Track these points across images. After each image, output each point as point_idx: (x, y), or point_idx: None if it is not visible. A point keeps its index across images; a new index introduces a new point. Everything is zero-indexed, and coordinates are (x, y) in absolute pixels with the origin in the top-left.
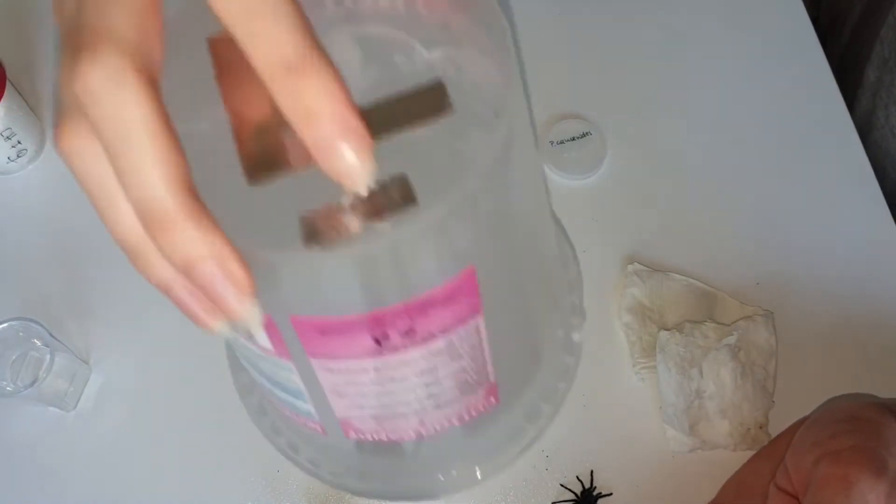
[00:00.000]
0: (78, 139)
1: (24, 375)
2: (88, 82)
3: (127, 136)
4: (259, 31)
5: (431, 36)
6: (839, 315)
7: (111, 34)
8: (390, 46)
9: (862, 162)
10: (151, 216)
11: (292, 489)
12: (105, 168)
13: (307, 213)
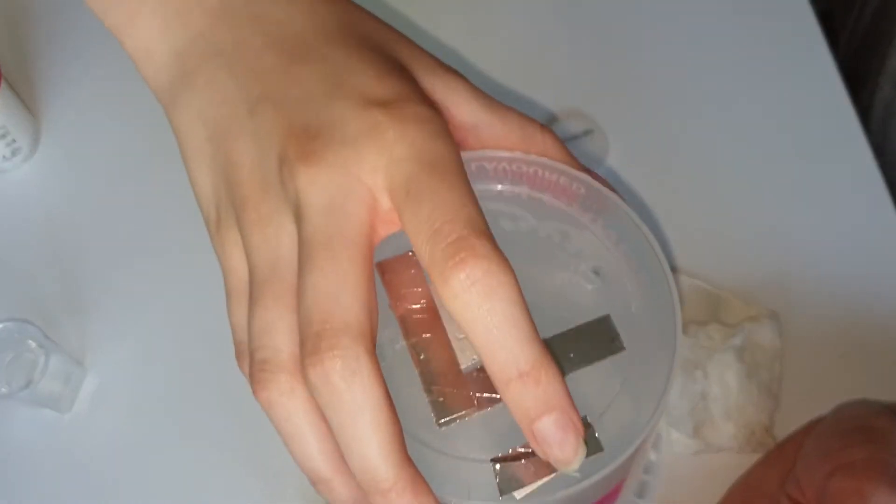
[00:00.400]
0: (280, 395)
1: (19, 377)
2: (329, 374)
3: (357, 417)
4: (496, 342)
5: (546, 213)
6: (846, 317)
7: (348, 326)
8: (499, 216)
9: (868, 161)
10: (374, 482)
11: (289, 492)
12: (303, 420)
13: (500, 460)
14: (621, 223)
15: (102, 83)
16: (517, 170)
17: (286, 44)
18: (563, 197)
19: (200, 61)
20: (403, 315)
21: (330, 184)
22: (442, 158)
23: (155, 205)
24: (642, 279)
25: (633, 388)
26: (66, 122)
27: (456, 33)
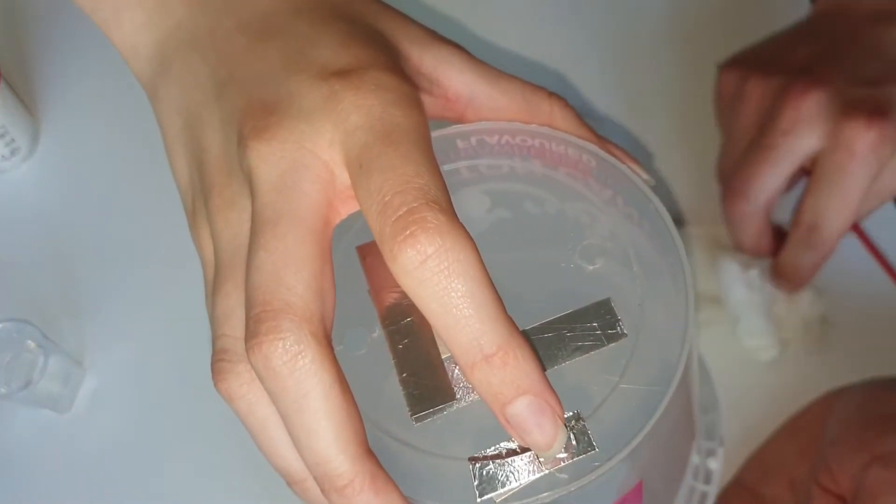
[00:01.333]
0: (239, 386)
1: (18, 377)
2: (269, 358)
3: (302, 405)
4: (456, 323)
5: (568, 194)
6: None
7: (290, 307)
8: (519, 197)
9: None
10: (328, 478)
11: (289, 492)
12: (266, 411)
13: (479, 459)
14: (639, 200)
15: (101, 83)
16: (522, 143)
17: (255, 23)
18: (577, 172)
19: (177, 50)
20: (382, 301)
21: (281, 160)
22: (398, 127)
23: (154, 204)
24: (665, 262)
25: (639, 379)
26: (65, 122)
27: (457, 34)
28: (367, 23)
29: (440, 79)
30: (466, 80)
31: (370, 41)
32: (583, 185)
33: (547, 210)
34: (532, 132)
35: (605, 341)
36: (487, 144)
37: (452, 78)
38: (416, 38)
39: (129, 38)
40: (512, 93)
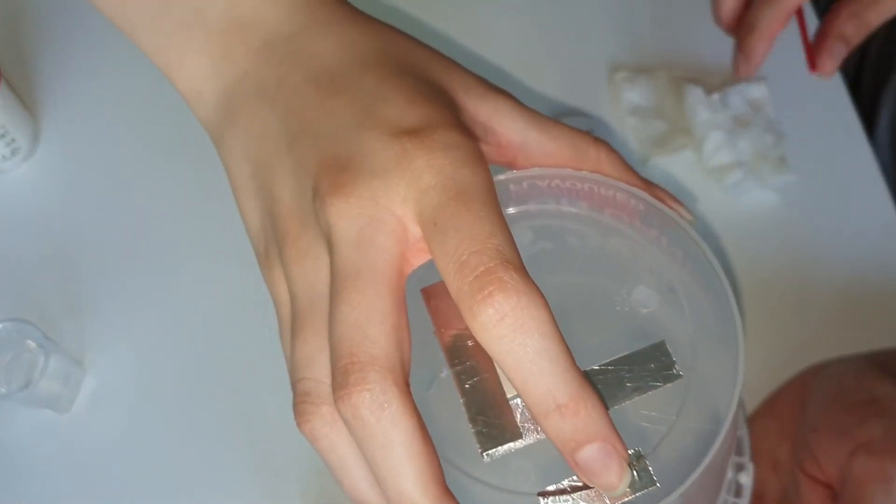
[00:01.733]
0: (322, 426)
1: (18, 377)
2: (358, 408)
3: (388, 450)
4: (531, 377)
5: (612, 231)
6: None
7: (375, 360)
8: (565, 233)
9: (872, 168)
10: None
11: (290, 493)
12: (346, 451)
13: (548, 494)
14: (684, 241)
15: (102, 83)
16: (571, 187)
17: (323, 77)
18: (624, 214)
19: (244, 99)
20: (448, 342)
21: (359, 216)
22: (469, 186)
23: (154, 205)
24: (709, 299)
25: (692, 418)
26: (66, 122)
27: (455, 32)
28: (427, 75)
29: (494, 127)
30: (518, 128)
31: (434, 97)
32: (627, 226)
33: (589, 244)
34: (581, 177)
35: (662, 382)
36: (538, 188)
37: (506, 126)
38: (471, 88)
39: (193, 84)
40: (561, 139)
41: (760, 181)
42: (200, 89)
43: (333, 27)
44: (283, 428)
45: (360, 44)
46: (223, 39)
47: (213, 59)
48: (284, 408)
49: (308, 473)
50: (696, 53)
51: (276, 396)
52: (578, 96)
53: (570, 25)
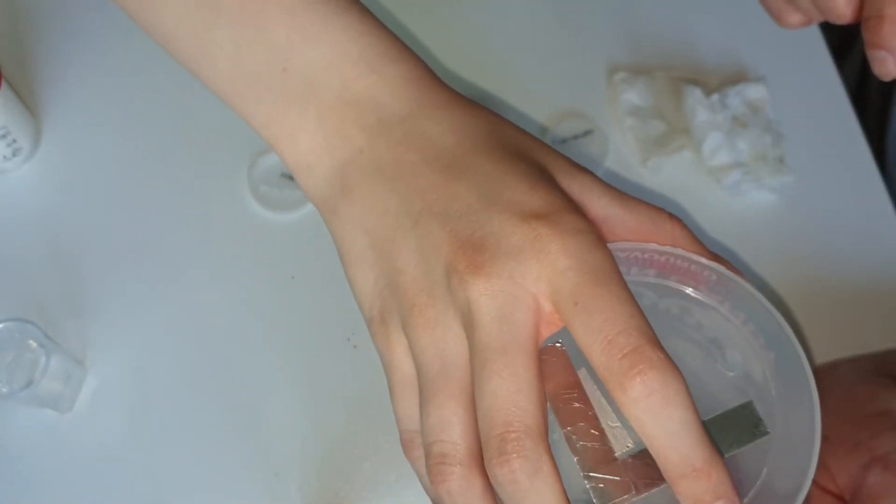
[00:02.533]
0: (459, 485)
1: (19, 377)
2: (515, 472)
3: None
4: (673, 444)
5: (670, 293)
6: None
7: (529, 429)
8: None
9: (871, 168)
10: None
11: (290, 492)
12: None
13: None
14: (749, 304)
15: (103, 84)
16: (649, 258)
17: (440, 160)
18: (692, 281)
19: (361, 176)
20: (557, 405)
21: (500, 294)
22: (603, 268)
23: (156, 205)
24: (771, 357)
25: (778, 471)
26: (67, 123)
27: (455, 34)
28: (530, 157)
29: (584, 203)
30: (603, 204)
31: (548, 181)
32: (704, 295)
33: (641, 302)
34: (661, 250)
35: (753, 438)
36: (619, 259)
37: (593, 203)
38: (564, 168)
39: (304, 158)
40: (641, 215)
41: (759, 182)
42: (311, 163)
43: (443, 111)
44: (283, 427)
45: (470, 127)
46: (337, 116)
47: (327, 135)
48: (284, 407)
49: (308, 473)
50: (694, 54)
51: (276, 396)
52: (577, 97)
53: (568, 26)
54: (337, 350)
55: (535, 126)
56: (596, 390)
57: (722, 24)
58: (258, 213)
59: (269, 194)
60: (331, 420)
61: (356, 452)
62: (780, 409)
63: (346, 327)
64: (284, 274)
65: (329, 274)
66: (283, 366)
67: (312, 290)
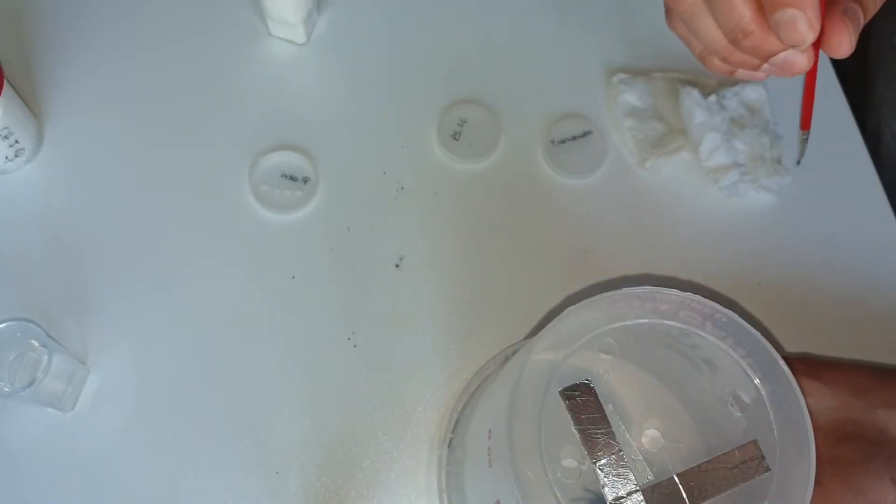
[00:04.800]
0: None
1: (22, 376)
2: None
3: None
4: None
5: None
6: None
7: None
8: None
9: (868, 169)
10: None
11: (291, 491)
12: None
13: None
14: (750, 343)
15: (105, 85)
16: (664, 298)
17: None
18: (699, 318)
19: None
20: (586, 439)
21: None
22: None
23: (157, 206)
24: (768, 389)
25: (779, 501)
26: (69, 124)
27: (456, 35)
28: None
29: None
30: None
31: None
32: (730, 347)
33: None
34: (678, 294)
35: (757, 473)
36: (636, 295)
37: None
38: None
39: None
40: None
41: (757, 182)
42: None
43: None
44: (283, 426)
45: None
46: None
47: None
48: (285, 406)
49: (309, 471)
50: (692, 56)
51: (277, 395)
52: (576, 98)
53: (568, 29)
54: (337, 349)
55: (535, 127)
56: (621, 425)
57: None
58: (259, 214)
59: (270, 195)
60: (331, 419)
61: (356, 451)
62: (781, 447)
63: (347, 327)
64: (285, 274)
65: (329, 274)
66: (284, 365)
67: (313, 290)
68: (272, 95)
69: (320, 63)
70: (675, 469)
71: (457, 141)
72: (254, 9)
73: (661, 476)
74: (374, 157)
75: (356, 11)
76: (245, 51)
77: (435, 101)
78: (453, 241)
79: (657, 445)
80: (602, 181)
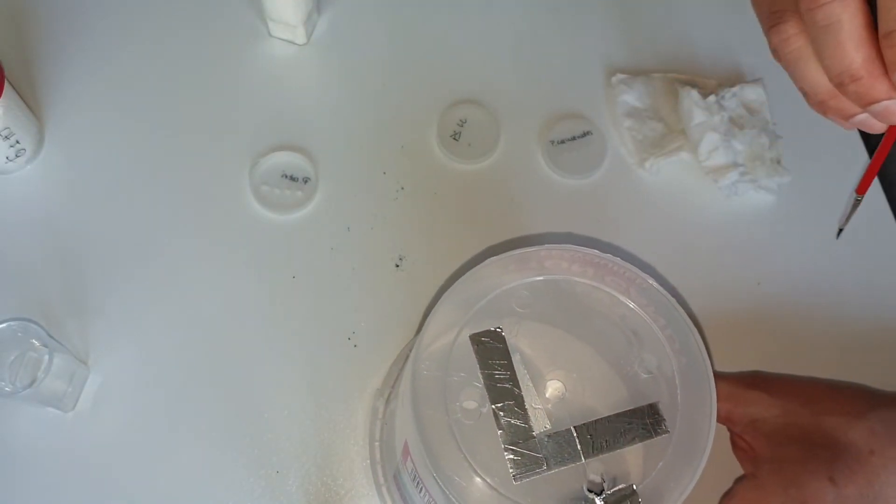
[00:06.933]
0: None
1: (23, 376)
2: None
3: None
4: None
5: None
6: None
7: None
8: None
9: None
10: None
11: (292, 490)
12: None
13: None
14: (669, 313)
15: (106, 86)
16: (589, 260)
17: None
18: (623, 283)
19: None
20: (490, 383)
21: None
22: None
23: (157, 206)
24: (683, 362)
25: (671, 467)
26: (70, 125)
27: (456, 36)
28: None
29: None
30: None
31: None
32: (631, 298)
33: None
34: (601, 255)
35: (654, 434)
36: (563, 256)
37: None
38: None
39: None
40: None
41: (756, 182)
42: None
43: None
44: (284, 426)
45: None
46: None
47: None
48: (285, 406)
49: (309, 471)
50: (692, 56)
51: (278, 395)
52: (576, 99)
53: (568, 29)
54: (337, 349)
55: (535, 127)
56: (526, 374)
57: (719, 26)
58: (259, 214)
59: (271, 195)
60: (331, 419)
61: (356, 450)
62: (683, 412)
63: (347, 327)
64: (285, 274)
65: (330, 274)
66: (285, 365)
67: (313, 290)
68: (273, 96)
69: (320, 64)
70: (573, 421)
71: (457, 141)
72: (254, 10)
73: (559, 427)
74: (374, 157)
75: (356, 12)
76: (246, 52)
77: (435, 101)
78: (453, 241)
79: (560, 398)
80: (602, 181)
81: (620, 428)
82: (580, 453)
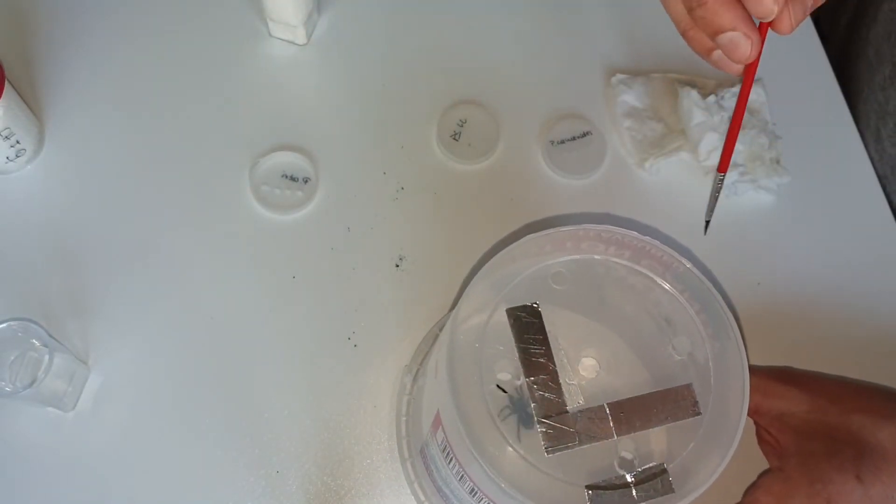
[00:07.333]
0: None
1: (23, 376)
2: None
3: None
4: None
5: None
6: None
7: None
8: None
9: (867, 169)
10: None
11: (292, 489)
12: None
13: (593, 487)
14: (705, 297)
15: (106, 86)
16: (627, 242)
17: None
18: (660, 267)
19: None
20: (525, 357)
21: None
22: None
23: (158, 206)
24: (717, 347)
25: (702, 449)
26: (70, 125)
27: (457, 37)
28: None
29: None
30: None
31: None
32: (667, 282)
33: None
34: (639, 238)
35: (687, 415)
36: (600, 237)
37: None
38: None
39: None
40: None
41: (756, 182)
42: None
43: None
44: (284, 425)
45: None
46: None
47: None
48: (286, 406)
49: (309, 470)
50: (691, 57)
51: (278, 395)
52: (576, 99)
53: (567, 29)
54: (338, 349)
55: (535, 127)
56: (561, 350)
57: None
58: (260, 214)
59: (271, 195)
60: (331, 419)
61: (357, 450)
62: (716, 396)
63: (347, 326)
64: (285, 274)
65: (330, 274)
66: (285, 364)
67: (313, 290)
68: (273, 96)
69: (321, 64)
70: (606, 399)
71: (457, 141)
72: (254, 10)
73: (592, 404)
74: (374, 157)
75: (356, 12)
76: (246, 52)
77: (435, 102)
78: (453, 241)
79: (593, 374)
80: (601, 181)
81: (653, 407)
82: (612, 430)
